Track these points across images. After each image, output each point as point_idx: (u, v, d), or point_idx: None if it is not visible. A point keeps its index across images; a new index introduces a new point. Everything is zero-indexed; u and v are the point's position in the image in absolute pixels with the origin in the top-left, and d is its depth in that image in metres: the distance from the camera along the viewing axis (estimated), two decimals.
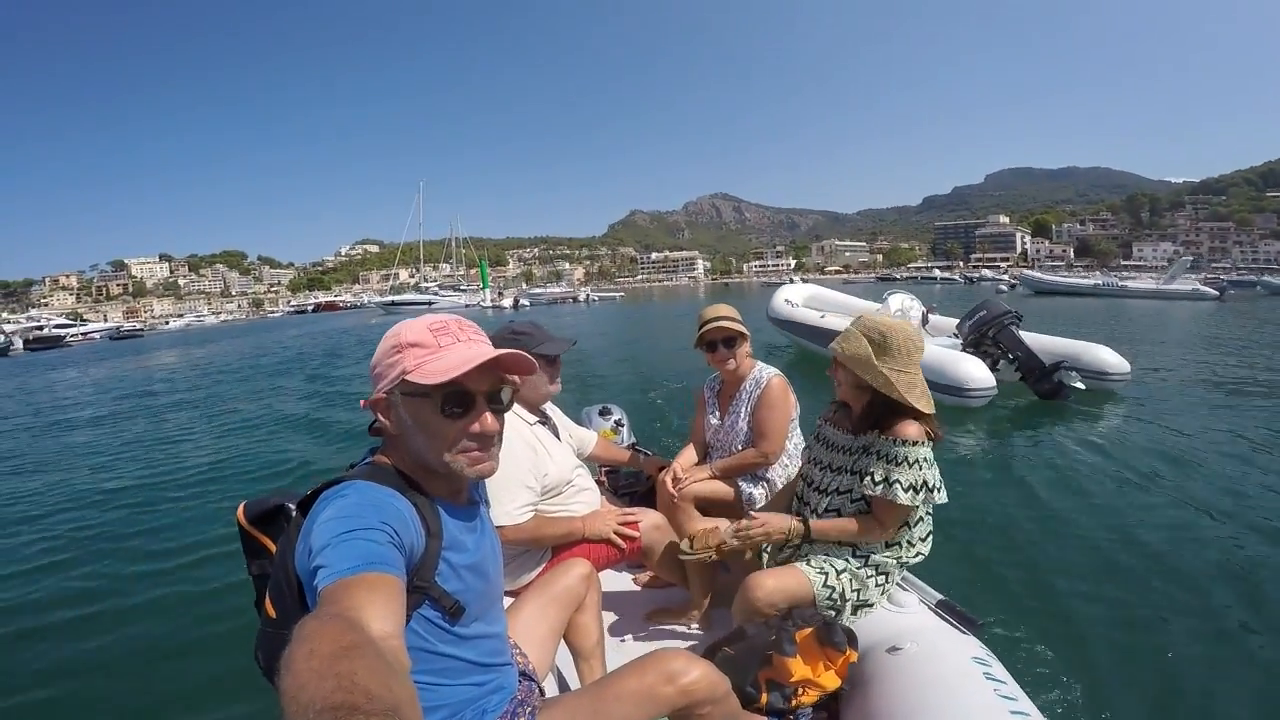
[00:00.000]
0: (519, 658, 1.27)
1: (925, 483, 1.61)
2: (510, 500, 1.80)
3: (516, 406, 1.95)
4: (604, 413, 3.62)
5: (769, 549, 1.92)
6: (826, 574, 1.70)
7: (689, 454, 2.51)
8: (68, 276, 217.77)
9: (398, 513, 0.85)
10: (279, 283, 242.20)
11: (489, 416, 0.96)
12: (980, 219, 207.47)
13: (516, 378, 1.02)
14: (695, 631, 2.16)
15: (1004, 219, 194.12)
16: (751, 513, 1.85)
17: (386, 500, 0.86)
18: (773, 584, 1.66)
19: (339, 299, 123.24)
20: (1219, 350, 11.58)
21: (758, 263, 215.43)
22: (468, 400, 0.94)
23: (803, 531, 1.75)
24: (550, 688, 1.53)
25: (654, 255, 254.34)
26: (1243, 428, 5.78)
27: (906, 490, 1.61)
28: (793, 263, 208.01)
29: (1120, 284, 37.13)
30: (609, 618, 2.23)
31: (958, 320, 7.93)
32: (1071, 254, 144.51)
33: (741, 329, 2.34)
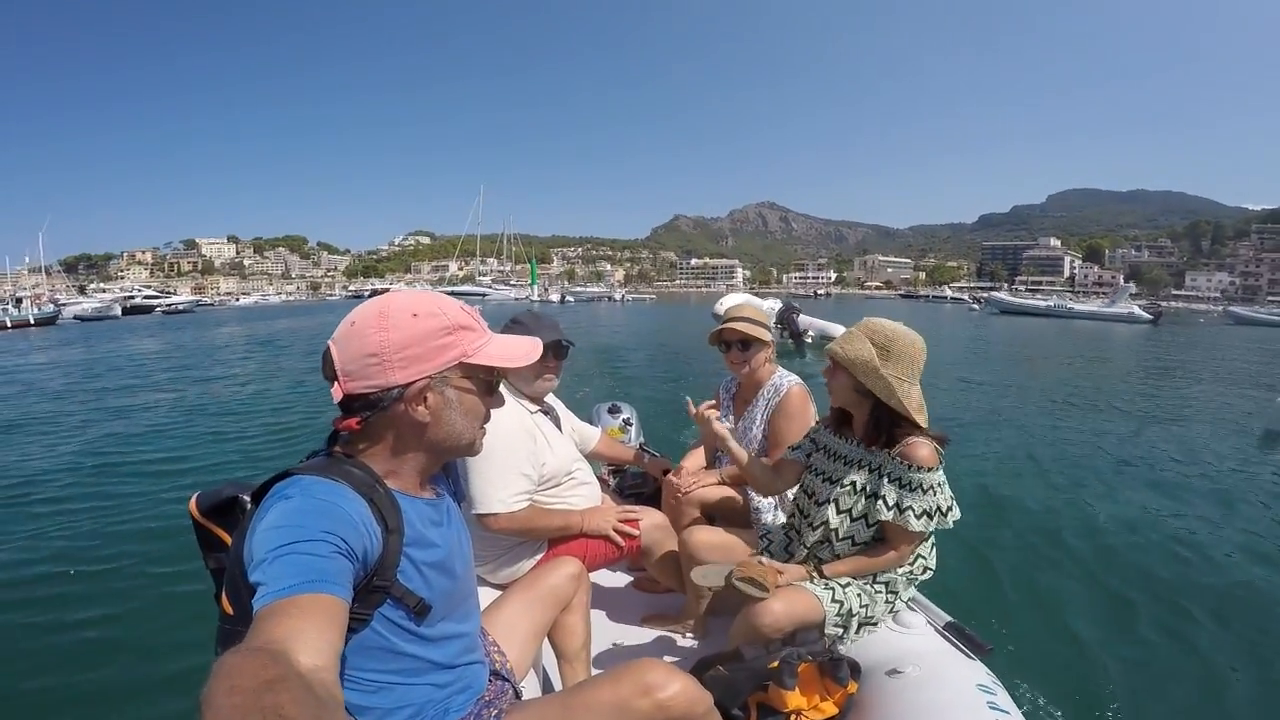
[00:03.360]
0: (496, 656, 1.24)
1: (939, 507, 1.52)
2: (505, 487, 1.74)
3: (516, 394, 1.94)
4: (613, 410, 3.54)
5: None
6: (833, 589, 1.58)
7: (698, 456, 2.41)
8: (143, 252, 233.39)
9: (345, 516, 0.80)
10: (335, 268, 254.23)
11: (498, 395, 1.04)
12: (1034, 240, 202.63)
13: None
14: (689, 642, 2.07)
15: (1055, 242, 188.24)
16: (764, 560, 1.64)
17: (334, 503, 0.80)
18: (780, 609, 1.50)
19: (393, 286, 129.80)
20: (1094, 365, 14.58)
21: (798, 274, 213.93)
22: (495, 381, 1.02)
23: (815, 578, 1.63)
24: (531, 688, 1.45)
25: (694, 261, 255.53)
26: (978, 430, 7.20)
27: (920, 517, 1.51)
28: (833, 275, 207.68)
29: (1068, 306, 44.18)
30: (600, 619, 2.15)
31: (813, 318, 16.18)
32: (1120, 280, 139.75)
33: (761, 334, 2.17)
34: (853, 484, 1.61)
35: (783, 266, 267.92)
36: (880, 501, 1.56)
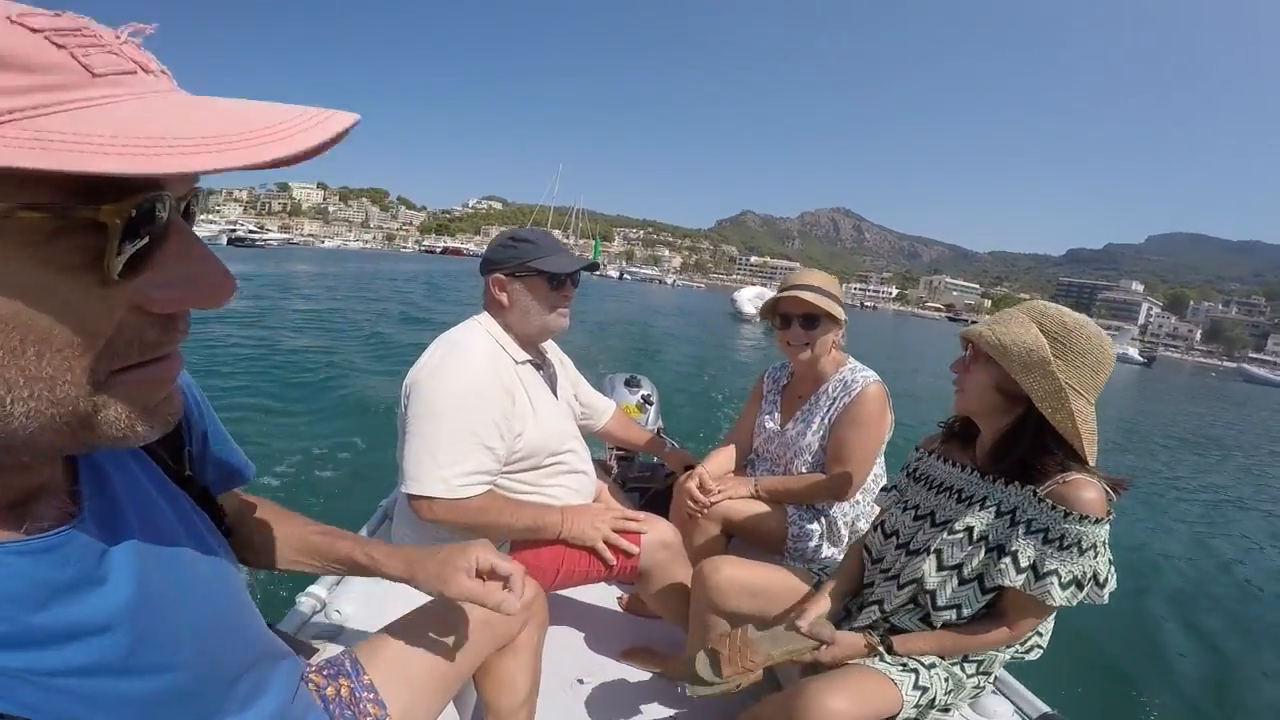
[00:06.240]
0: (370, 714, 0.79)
1: (1094, 574, 1.03)
2: (453, 462, 1.24)
3: (501, 335, 1.42)
4: (631, 384, 2.90)
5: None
6: (917, 673, 1.12)
7: (723, 458, 1.85)
8: (240, 190, 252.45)
9: None
10: (410, 223, 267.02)
11: None
12: (1113, 283, 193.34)
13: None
14: (684, 697, 1.51)
15: (1138, 286, 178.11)
16: (814, 625, 1.16)
17: None
18: (844, 706, 1.02)
19: (464, 247, 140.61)
20: None
21: (858, 285, 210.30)
22: None
23: (883, 654, 1.14)
24: None
25: (753, 259, 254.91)
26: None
27: (1067, 586, 1.01)
28: (894, 291, 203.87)
29: None
30: (567, 646, 1.63)
31: None
32: (1198, 336, 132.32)
33: (831, 308, 1.60)
34: (968, 530, 1.10)
35: (846, 275, 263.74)
36: (1008, 560, 1.04)
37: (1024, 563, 1.03)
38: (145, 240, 0.35)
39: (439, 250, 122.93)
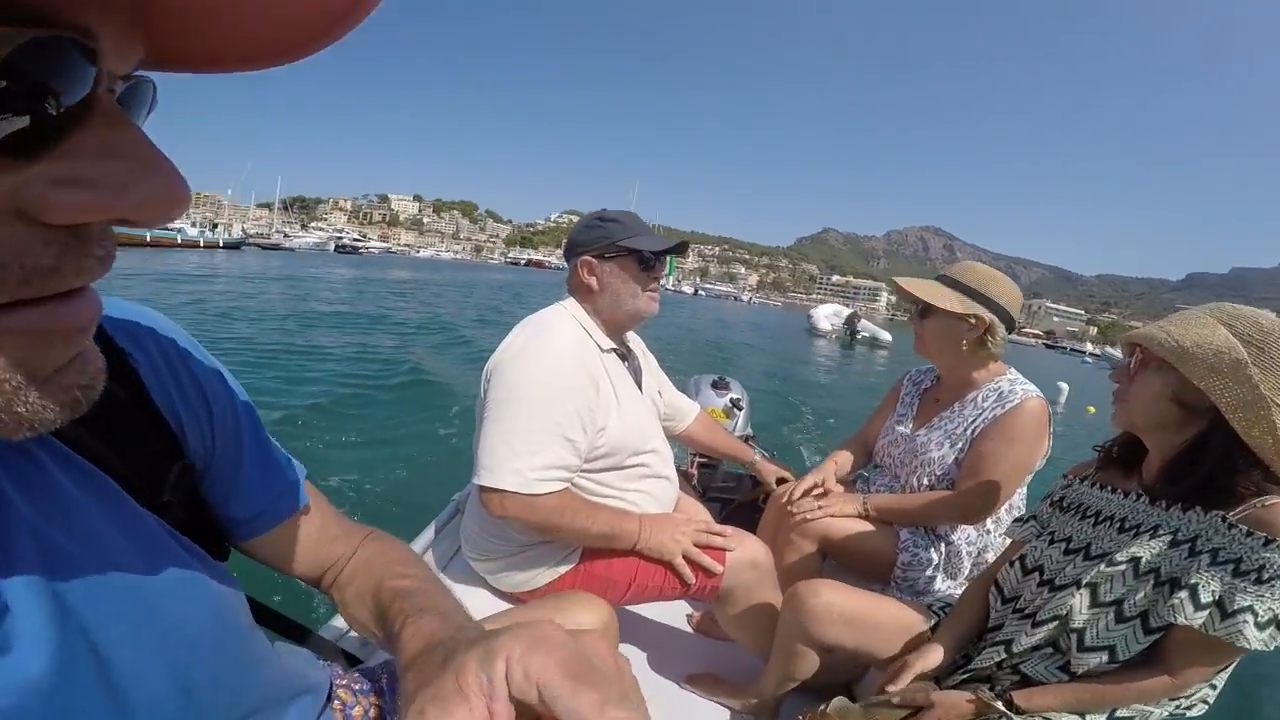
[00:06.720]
0: None
1: None
2: (531, 454, 1.13)
3: (588, 320, 1.33)
4: (718, 386, 2.64)
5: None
6: None
7: (843, 460, 1.68)
8: (344, 200, 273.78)
9: None
10: (496, 235, 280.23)
11: None
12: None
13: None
14: None
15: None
16: (907, 692, 1.02)
17: None
18: None
19: (547, 260, 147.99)
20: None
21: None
22: None
23: (1007, 713, 0.97)
24: None
25: (835, 278, 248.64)
26: None
27: (1265, 627, 0.83)
28: None
29: None
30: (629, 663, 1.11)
31: (879, 323, 22.88)
32: None
33: (942, 301, 1.40)
34: (1133, 562, 0.93)
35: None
36: (1184, 594, 0.87)
37: (1206, 598, 0.86)
38: (30, 108, 0.21)
39: (523, 262, 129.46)
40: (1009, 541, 1.23)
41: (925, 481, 1.47)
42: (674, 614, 1.65)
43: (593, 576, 1.28)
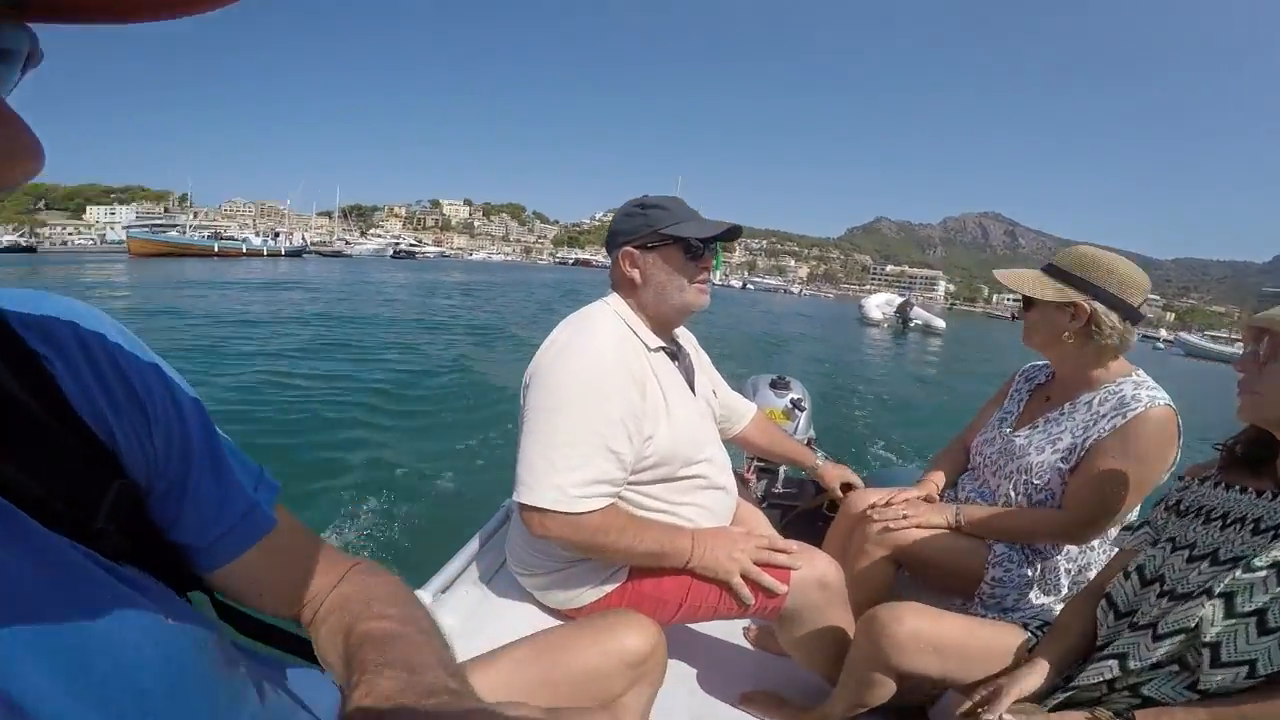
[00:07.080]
0: None
1: None
2: (571, 468, 1.04)
3: (632, 317, 1.22)
4: (778, 385, 2.46)
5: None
6: None
7: (946, 468, 1.54)
8: (398, 207, 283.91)
9: None
10: (544, 236, 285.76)
11: None
12: None
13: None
14: None
15: None
16: (1013, 711, 0.91)
17: None
18: None
19: (593, 258, 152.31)
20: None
21: (1011, 297, 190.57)
22: None
23: None
24: None
25: (889, 268, 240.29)
26: None
27: None
28: None
29: None
30: (679, 681, 1.33)
31: (937, 312, 24.87)
32: None
33: (1041, 292, 1.25)
34: (1275, 567, 0.83)
35: (996, 284, 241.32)
36: None
37: None
38: None
39: (571, 262, 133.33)
40: (1115, 552, 1.13)
41: (1019, 489, 1.32)
42: (728, 626, 1.53)
43: (641, 595, 1.18)
